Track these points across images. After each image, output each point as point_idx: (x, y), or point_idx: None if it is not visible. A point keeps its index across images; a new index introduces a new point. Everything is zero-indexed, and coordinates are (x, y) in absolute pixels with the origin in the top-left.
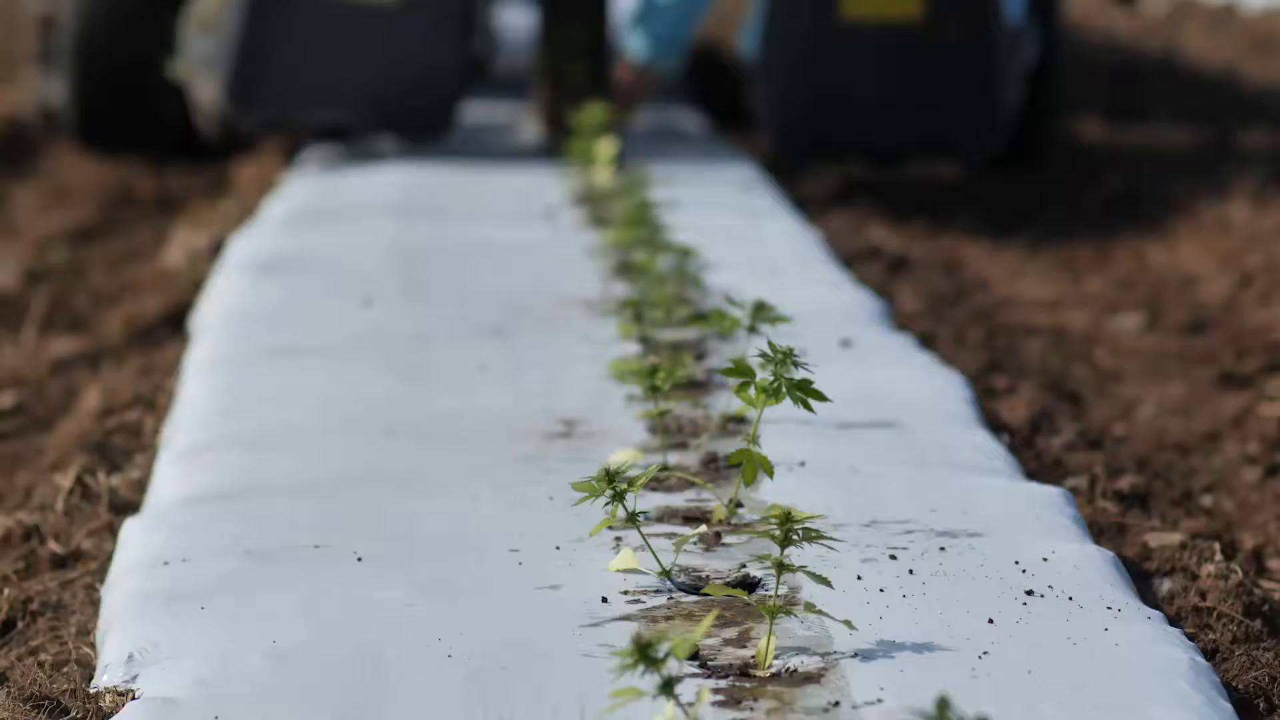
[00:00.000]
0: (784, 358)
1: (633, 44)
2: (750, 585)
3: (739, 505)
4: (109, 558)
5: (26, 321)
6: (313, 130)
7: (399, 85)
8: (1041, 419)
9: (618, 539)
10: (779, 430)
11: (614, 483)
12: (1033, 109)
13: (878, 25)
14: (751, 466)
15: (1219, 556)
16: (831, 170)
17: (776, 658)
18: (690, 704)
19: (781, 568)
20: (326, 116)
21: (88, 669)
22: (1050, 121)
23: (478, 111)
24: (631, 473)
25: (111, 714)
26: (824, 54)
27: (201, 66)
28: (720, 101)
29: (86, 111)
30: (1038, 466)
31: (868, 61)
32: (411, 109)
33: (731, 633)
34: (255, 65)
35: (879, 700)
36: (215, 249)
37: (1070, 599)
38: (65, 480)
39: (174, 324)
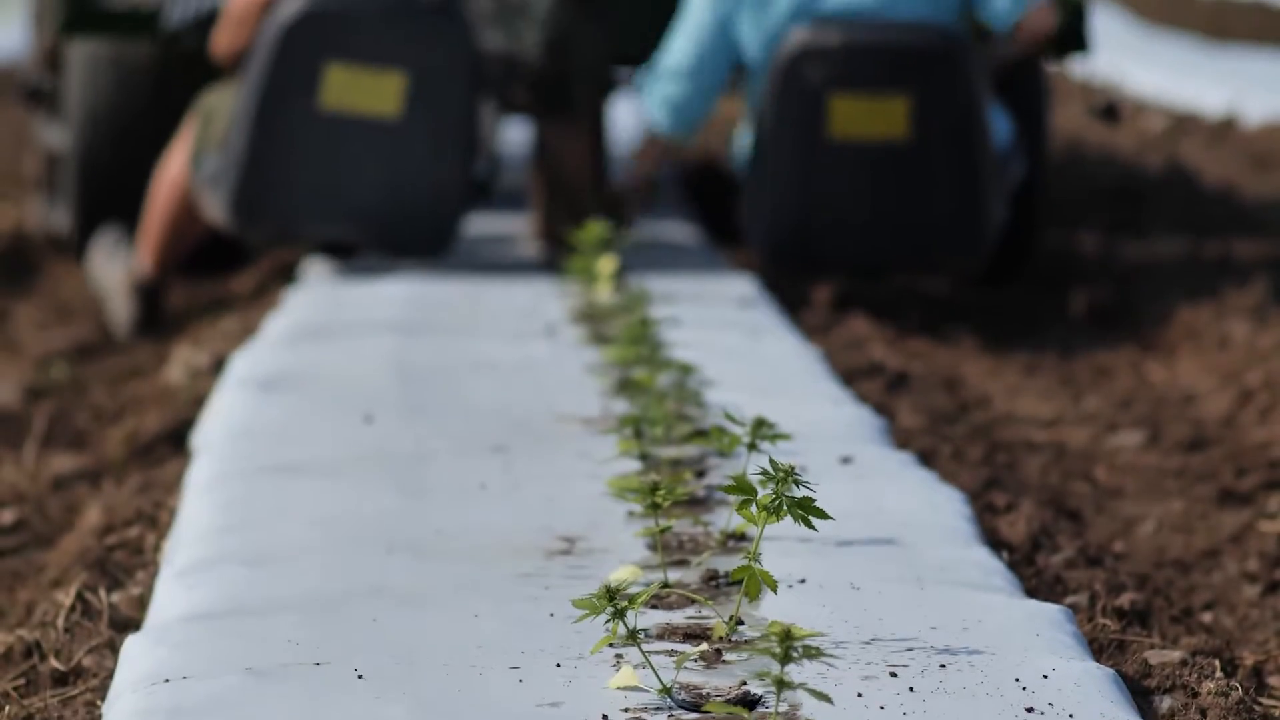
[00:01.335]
0: (785, 475)
1: (649, 110)
2: (751, 702)
3: (739, 622)
4: (110, 675)
5: (27, 438)
6: (315, 245)
7: (401, 202)
8: (1041, 536)
9: (618, 656)
10: (779, 547)
11: (614, 600)
12: (1018, 226)
13: (866, 143)
14: (754, 583)
15: (1219, 673)
16: (830, 287)
17: None
18: None
19: (781, 685)
20: (329, 232)
21: None
22: (1034, 238)
23: (478, 224)
24: (632, 590)
25: None
26: (812, 170)
27: (206, 183)
28: (716, 211)
29: (89, 229)
30: (1038, 583)
31: (856, 178)
32: (413, 227)
33: None
34: (259, 181)
35: None
36: (216, 365)
37: (1071, 716)
38: (66, 597)
39: (175, 441)
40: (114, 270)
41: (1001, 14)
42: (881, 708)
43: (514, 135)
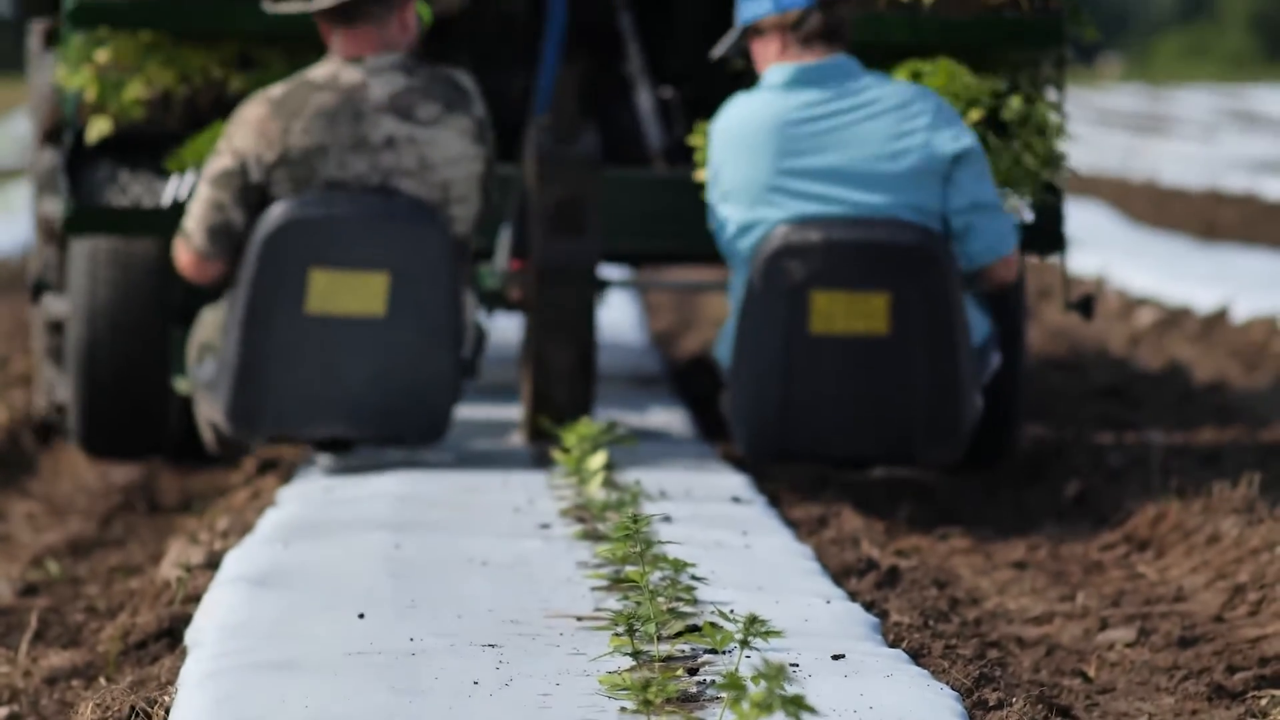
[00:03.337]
0: (776, 672)
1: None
2: None
3: None
4: None
5: (21, 635)
6: (310, 441)
7: (394, 396)
8: None
9: None
10: None
11: None
12: (996, 416)
13: (846, 340)
14: None
15: None
16: (822, 485)
17: None
18: None
19: None
20: (323, 430)
21: None
22: (1013, 428)
23: (470, 413)
24: None
25: None
26: (793, 366)
27: (201, 386)
28: (708, 405)
29: (91, 422)
30: None
31: (835, 372)
32: (408, 418)
33: None
34: (252, 386)
35: None
36: (211, 562)
37: None
38: None
39: (169, 637)
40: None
41: (972, 255)
42: None
43: (505, 321)
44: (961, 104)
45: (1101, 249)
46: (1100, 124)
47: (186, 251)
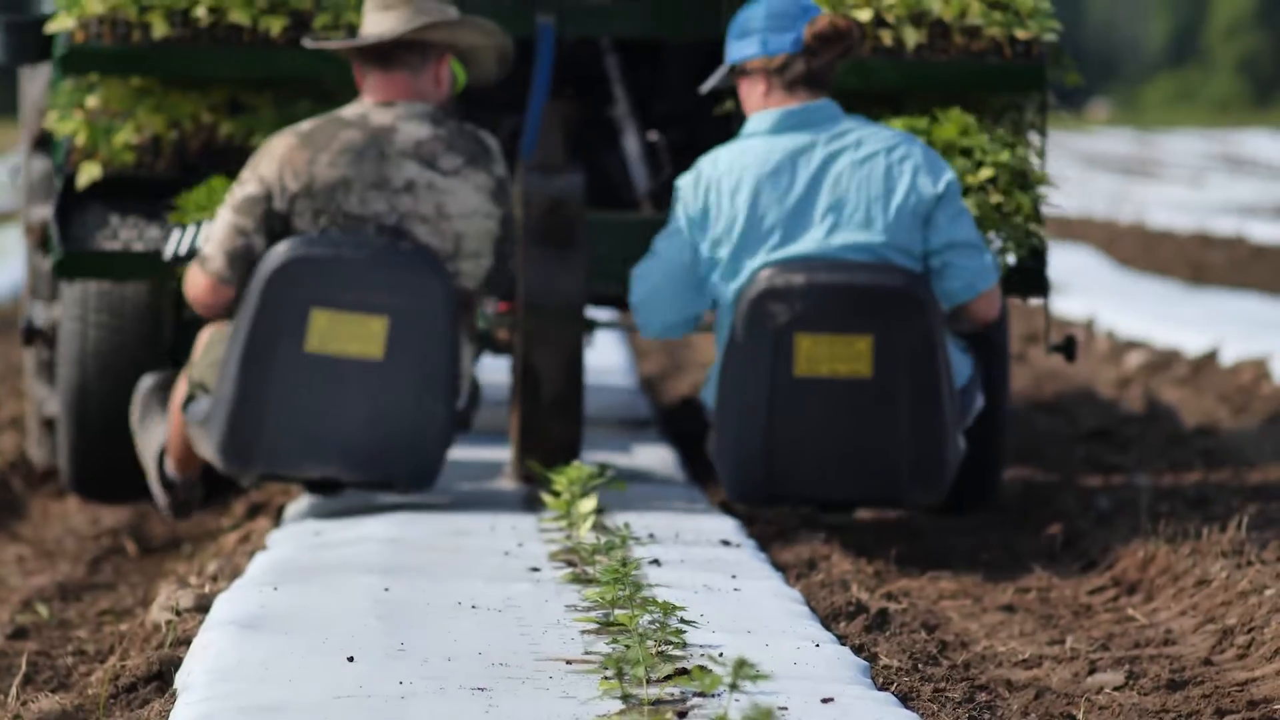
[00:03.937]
0: (765, 716)
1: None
2: None
3: None
4: None
5: (11, 679)
6: (302, 482)
7: (387, 440)
8: None
9: None
10: None
11: None
12: (979, 458)
13: (830, 382)
14: None
15: None
16: (811, 528)
17: None
18: None
19: None
20: (315, 471)
21: None
22: (997, 470)
23: (460, 456)
24: None
25: None
26: (777, 409)
27: (197, 424)
28: (697, 448)
29: (82, 466)
30: None
31: (819, 415)
32: (400, 463)
33: None
34: (247, 424)
35: None
36: (201, 605)
37: None
38: None
39: (159, 681)
40: (149, 441)
41: (951, 293)
42: None
43: (494, 366)
44: (971, 161)
45: (1090, 292)
46: (1088, 167)
47: (203, 276)
